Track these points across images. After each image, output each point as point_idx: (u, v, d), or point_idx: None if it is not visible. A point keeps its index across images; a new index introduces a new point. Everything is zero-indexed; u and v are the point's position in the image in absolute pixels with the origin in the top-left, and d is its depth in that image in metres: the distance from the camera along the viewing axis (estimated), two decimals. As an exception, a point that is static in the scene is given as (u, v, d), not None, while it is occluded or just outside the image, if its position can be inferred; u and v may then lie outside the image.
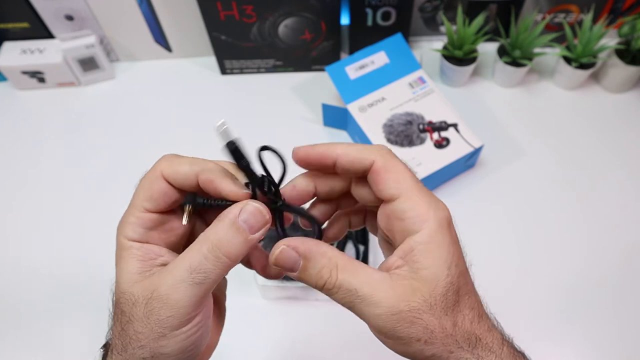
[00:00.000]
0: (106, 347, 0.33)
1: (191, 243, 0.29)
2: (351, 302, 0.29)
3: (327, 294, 0.30)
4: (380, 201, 0.31)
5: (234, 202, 0.30)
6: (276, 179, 0.33)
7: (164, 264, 0.30)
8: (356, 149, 0.30)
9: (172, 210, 0.32)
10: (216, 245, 0.28)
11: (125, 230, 0.30)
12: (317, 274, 0.29)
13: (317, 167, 0.33)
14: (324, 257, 0.29)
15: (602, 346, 0.63)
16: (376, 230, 0.33)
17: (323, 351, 0.64)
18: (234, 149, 0.30)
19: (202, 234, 0.29)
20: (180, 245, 0.32)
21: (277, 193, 0.33)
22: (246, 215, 0.29)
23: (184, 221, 0.32)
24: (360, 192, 0.32)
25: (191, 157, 0.33)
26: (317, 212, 0.35)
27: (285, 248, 0.30)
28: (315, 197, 0.34)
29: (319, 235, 0.33)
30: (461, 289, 0.28)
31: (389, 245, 0.33)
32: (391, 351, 0.32)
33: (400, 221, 0.29)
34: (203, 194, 0.31)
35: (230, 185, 0.30)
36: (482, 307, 0.30)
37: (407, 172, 0.30)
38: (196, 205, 0.32)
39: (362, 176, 0.31)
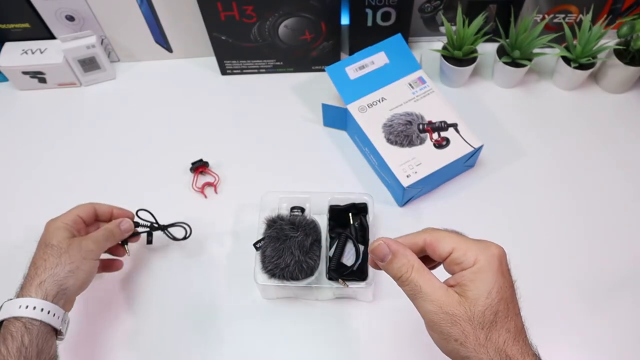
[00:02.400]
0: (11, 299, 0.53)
1: (87, 234, 0.60)
2: (414, 295, 0.39)
3: (399, 284, 0.41)
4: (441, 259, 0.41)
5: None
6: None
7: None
8: (406, 239, 0.42)
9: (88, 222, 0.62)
10: (109, 229, 0.61)
11: (64, 219, 0.59)
12: (398, 268, 0.40)
13: None
14: (405, 257, 0.40)
15: (602, 346, 0.63)
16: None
17: (322, 350, 0.64)
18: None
19: (103, 227, 0.61)
20: (83, 234, 0.61)
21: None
22: (125, 224, 0.63)
23: (128, 253, 0.66)
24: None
25: (105, 204, 0.64)
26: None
27: (382, 243, 0.41)
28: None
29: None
30: (500, 312, 0.36)
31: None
32: (388, 350, 0.50)
33: (457, 265, 0.39)
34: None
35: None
36: (520, 334, 0.37)
37: (450, 234, 0.41)
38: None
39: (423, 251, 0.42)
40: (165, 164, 0.80)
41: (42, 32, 0.86)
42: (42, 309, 0.50)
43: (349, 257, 0.64)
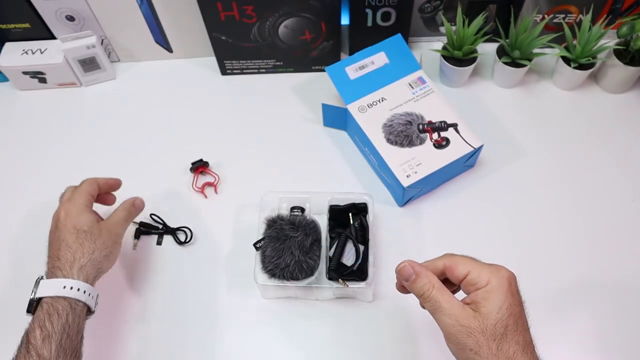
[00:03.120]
0: (41, 277, 0.57)
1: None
2: (435, 310, 0.44)
3: (421, 301, 0.46)
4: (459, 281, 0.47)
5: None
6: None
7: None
8: (428, 263, 0.48)
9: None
10: (127, 209, 0.65)
11: (82, 200, 0.62)
12: (421, 286, 0.46)
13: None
14: (427, 277, 0.46)
15: (602, 347, 0.63)
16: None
17: (322, 350, 0.64)
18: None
19: (120, 207, 0.65)
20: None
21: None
22: (138, 202, 0.67)
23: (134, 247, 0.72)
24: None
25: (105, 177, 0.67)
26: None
27: (407, 265, 0.47)
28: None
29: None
30: (509, 326, 0.42)
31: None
32: (387, 350, 0.57)
33: (472, 285, 0.45)
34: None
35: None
36: (529, 346, 0.42)
37: (466, 259, 0.46)
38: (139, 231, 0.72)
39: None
40: (165, 164, 0.80)
41: (43, 32, 0.87)
42: (84, 291, 0.55)
43: (349, 257, 0.64)
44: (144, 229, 0.73)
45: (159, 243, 0.73)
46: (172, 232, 0.72)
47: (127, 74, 0.93)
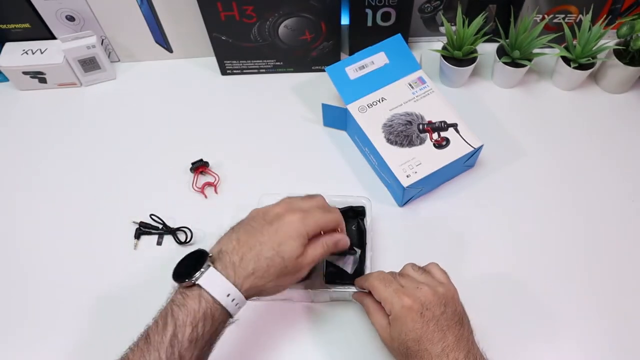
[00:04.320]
0: (210, 262, 0.50)
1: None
2: (373, 325, 0.56)
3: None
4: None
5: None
6: None
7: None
8: (363, 279, 0.58)
9: None
10: (329, 248, 0.55)
11: (309, 229, 0.53)
12: (365, 309, 0.58)
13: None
14: (364, 304, 0.59)
15: (602, 347, 0.63)
16: None
17: (319, 353, 0.64)
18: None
19: (324, 239, 0.55)
20: None
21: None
22: (342, 244, 0.57)
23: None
24: None
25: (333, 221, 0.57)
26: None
27: (356, 297, 0.61)
28: None
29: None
30: (410, 347, 0.50)
31: None
32: (384, 353, 0.61)
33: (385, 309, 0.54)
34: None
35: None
36: (437, 357, 0.49)
37: (381, 286, 0.54)
38: None
39: None
40: (165, 164, 0.80)
41: (43, 32, 0.87)
42: (240, 307, 0.50)
43: (346, 261, 0.64)
44: (144, 229, 0.73)
45: (159, 243, 0.73)
46: (172, 232, 0.72)
47: (127, 74, 0.93)
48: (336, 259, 0.64)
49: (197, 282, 0.48)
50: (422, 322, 0.50)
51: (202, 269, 0.48)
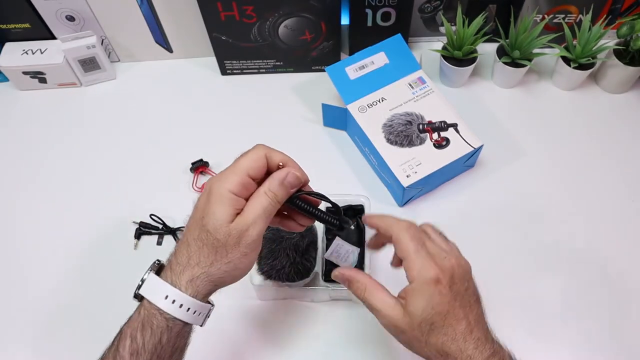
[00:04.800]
0: (159, 266, 0.48)
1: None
2: (370, 309, 0.47)
3: (361, 300, 0.47)
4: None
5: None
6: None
7: (239, 212, 0.44)
8: (385, 223, 0.48)
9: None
10: (275, 194, 0.44)
11: (229, 185, 0.44)
12: (355, 290, 0.48)
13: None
14: (358, 282, 0.47)
15: (602, 347, 0.63)
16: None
17: (318, 352, 0.64)
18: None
19: (262, 188, 0.45)
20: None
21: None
22: (290, 178, 0.45)
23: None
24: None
25: (280, 151, 0.47)
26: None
27: (338, 274, 0.49)
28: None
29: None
30: (435, 322, 0.43)
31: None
32: (383, 352, 0.60)
33: (405, 273, 0.46)
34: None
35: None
36: (461, 334, 0.44)
37: (412, 245, 0.45)
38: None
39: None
40: (165, 164, 0.80)
41: (43, 32, 0.87)
42: (188, 309, 0.44)
43: (346, 258, 0.64)
44: (144, 229, 0.73)
45: (159, 243, 0.73)
46: (173, 232, 0.73)
47: (127, 74, 0.93)
48: (335, 258, 0.64)
49: (139, 292, 0.45)
50: (451, 296, 0.44)
51: (143, 277, 0.45)
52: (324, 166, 0.79)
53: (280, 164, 0.46)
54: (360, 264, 0.63)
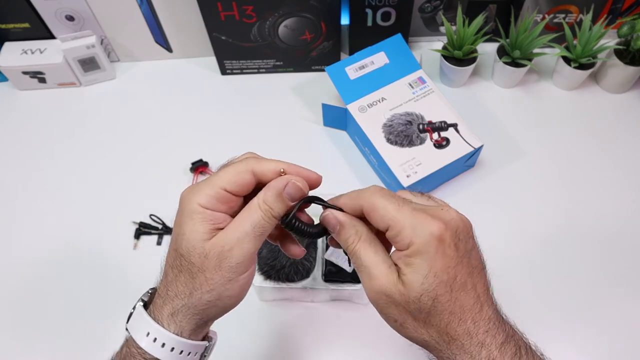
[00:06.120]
0: (151, 294, 0.40)
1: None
2: (358, 268, 0.37)
3: (349, 256, 0.38)
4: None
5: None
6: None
7: (222, 228, 0.36)
8: (350, 197, 0.38)
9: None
10: (269, 208, 0.36)
11: (199, 198, 0.36)
12: (345, 239, 0.37)
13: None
14: (353, 228, 0.37)
15: (602, 348, 0.63)
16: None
17: (318, 352, 0.64)
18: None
19: (256, 200, 0.36)
20: (235, 214, 0.38)
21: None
22: (290, 189, 0.37)
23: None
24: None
25: (272, 160, 0.38)
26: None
27: (329, 214, 0.38)
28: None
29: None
30: (440, 295, 0.33)
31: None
32: (383, 352, 0.50)
33: (395, 244, 0.35)
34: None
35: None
36: (469, 312, 0.34)
37: (390, 205, 0.35)
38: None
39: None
40: (165, 164, 0.80)
41: (42, 32, 0.86)
42: (172, 348, 0.36)
43: (346, 258, 0.64)
44: (144, 229, 0.73)
45: (159, 243, 0.72)
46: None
47: (127, 74, 0.93)
48: (335, 257, 0.64)
49: (127, 326, 0.38)
50: (457, 257, 0.34)
51: (131, 310, 0.39)
52: (324, 166, 0.79)
53: (282, 169, 0.38)
54: None
